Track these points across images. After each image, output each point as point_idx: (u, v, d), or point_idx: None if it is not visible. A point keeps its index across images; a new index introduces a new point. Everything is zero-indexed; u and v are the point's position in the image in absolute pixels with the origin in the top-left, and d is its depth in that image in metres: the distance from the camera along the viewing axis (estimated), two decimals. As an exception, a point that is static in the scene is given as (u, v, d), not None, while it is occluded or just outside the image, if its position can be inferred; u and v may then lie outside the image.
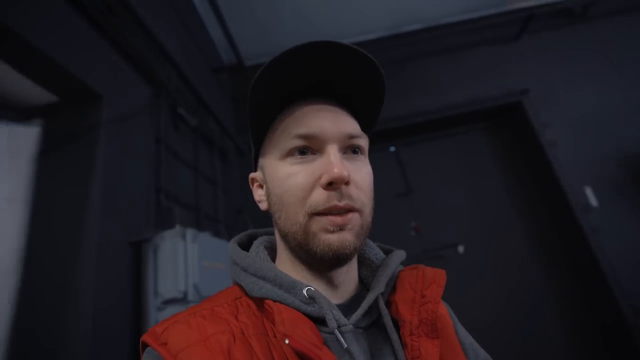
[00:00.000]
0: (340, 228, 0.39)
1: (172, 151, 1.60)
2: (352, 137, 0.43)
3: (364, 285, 0.48)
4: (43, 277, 1.04)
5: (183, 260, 1.17)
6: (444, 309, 0.51)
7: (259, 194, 0.48)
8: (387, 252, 0.52)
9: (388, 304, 0.44)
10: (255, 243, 0.48)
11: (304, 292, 0.39)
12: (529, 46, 2.86)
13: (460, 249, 2.71)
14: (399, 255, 0.49)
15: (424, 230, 2.75)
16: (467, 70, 2.87)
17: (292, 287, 0.39)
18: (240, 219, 2.32)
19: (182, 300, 1.14)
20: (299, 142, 0.41)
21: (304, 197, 0.40)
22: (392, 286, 0.46)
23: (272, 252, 0.48)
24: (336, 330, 0.36)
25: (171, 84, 1.67)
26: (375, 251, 0.50)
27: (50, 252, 1.06)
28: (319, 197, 0.39)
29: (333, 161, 0.39)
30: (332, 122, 0.42)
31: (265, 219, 0.49)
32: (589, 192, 2.46)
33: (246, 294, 0.42)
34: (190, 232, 1.22)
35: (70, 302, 1.00)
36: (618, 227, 2.35)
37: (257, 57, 2.90)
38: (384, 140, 2.94)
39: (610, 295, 2.24)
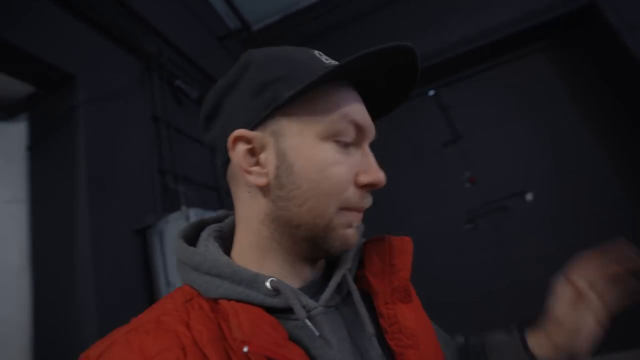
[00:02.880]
0: (358, 224, 0.39)
1: (176, 128, 1.47)
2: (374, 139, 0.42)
3: (327, 262, 0.46)
4: (49, 275, 0.98)
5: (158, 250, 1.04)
6: None
7: (248, 162, 0.38)
8: None
9: (358, 278, 0.44)
10: (203, 235, 0.42)
11: (267, 284, 0.36)
12: None
13: (529, 196, 2.29)
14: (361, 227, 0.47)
15: (481, 179, 2.37)
16: (514, -23, 2.31)
17: (253, 281, 0.36)
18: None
19: (194, 287, 1.02)
20: (350, 129, 0.38)
21: (342, 190, 0.37)
22: (359, 259, 0.45)
23: (224, 241, 0.43)
24: (306, 320, 0.35)
25: (163, 56, 1.51)
26: None
27: (51, 249, 0.99)
28: (354, 195, 0.38)
29: (374, 163, 0.39)
30: (370, 118, 0.41)
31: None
32: None
33: (199, 294, 0.37)
34: (194, 212, 1.08)
35: (75, 301, 0.93)
36: None
37: (264, 18, 2.64)
38: (419, 83, 2.54)
39: None
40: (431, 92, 2.62)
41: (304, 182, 0.36)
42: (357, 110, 0.38)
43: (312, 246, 0.38)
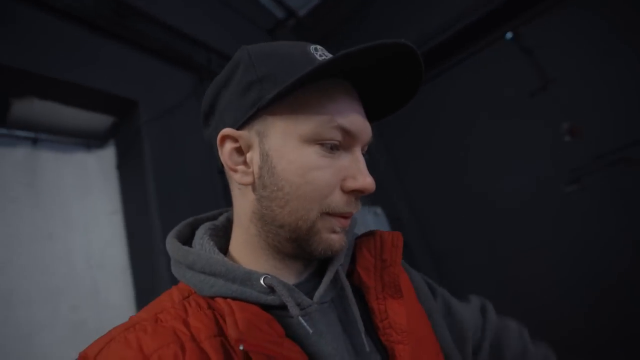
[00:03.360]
0: (342, 229, 0.39)
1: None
2: (370, 142, 0.41)
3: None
4: (142, 270, 1.19)
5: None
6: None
7: (234, 161, 0.39)
8: None
9: (350, 274, 0.44)
10: (198, 233, 0.43)
11: (261, 282, 0.36)
12: None
13: (662, 140, 1.76)
14: (352, 224, 0.47)
15: (586, 129, 1.92)
16: None
17: (247, 278, 0.36)
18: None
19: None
20: (337, 135, 0.37)
21: (325, 195, 0.36)
22: (351, 255, 0.45)
23: (220, 239, 0.43)
24: (300, 317, 0.35)
25: (213, 63, 1.62)
26: None
27: (141, 250, 1.20)
28: (339, 200, 0.37)
29: (364, 170, 0.38)
30: (365, 121, 0.39)
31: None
32: None
33: (193, 292, 0.38)
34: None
35: (160, 289, 1.10)
36: None
37: (308, 1, 2.58)
38: (492, 26, 2.16)
39: None
40: (509, 35, 2.20)
41: (285, 185, 0.36)
42: (344, 115, 0.37)
43: (296, 247, 0.38)
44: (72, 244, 1.16)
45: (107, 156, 1.37)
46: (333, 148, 0.37)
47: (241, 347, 0.30)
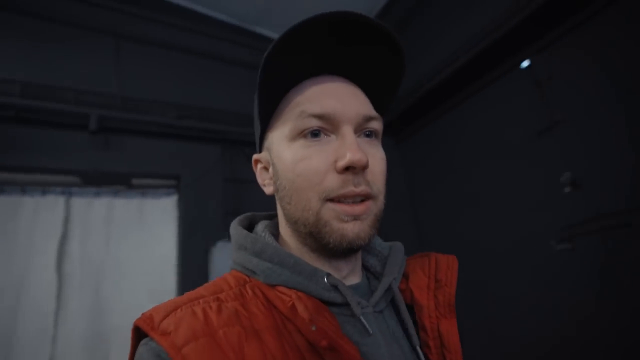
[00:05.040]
0: (355, 218, 0.38)
1: (241, 180, 2.31)
2: (369, 119, 0.41)
3: (370, 273, 0.48)
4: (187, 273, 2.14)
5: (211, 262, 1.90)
6: None
7: (263, 177, 0.47)
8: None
9: (401, 291, 0.45)
10: (260, 227, 0.47)
11: (325, 279, 0.39)
12: None
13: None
14: (401, 245, 0.50)
15: (587, 182, 1.66)
16: None
17: (312, 274, 0.39)
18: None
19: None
20: (313, 123, 0.39)
21: (318, 182, 0.38)
22: (402, 274, 0.46)
23: (275, 237, 0.47)
24: (361, 317, 0.37)
25: (239, 132, 2.38)
26: (379, 241, 0.51)
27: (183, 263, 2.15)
28: (334, 181, 0.38)
29: (351, 144, 0.38)
30: (348, 102, 0.41)
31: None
32: None
33: (248, 280, 0.41)
34: (219, 243, 1.92)
35: (189, 287, 2.02)
36: None
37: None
38: (507, 52, 2.00)
39: None
40: (525, 63, 1.98)
41: (286, 183, 0.41)
42: (314, 102, 0.40)
43: (315, 242, 0.40)
44: (153, 252, 2.23)
45: (175, 200, 2.38)
46: (316, 135, 0.39)
47: (313, 327, 0.33)
